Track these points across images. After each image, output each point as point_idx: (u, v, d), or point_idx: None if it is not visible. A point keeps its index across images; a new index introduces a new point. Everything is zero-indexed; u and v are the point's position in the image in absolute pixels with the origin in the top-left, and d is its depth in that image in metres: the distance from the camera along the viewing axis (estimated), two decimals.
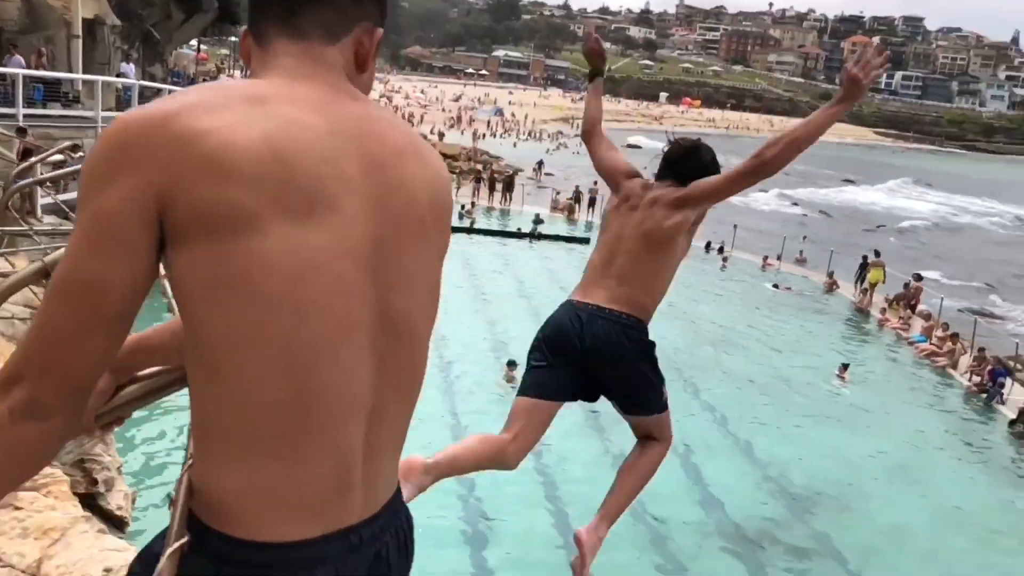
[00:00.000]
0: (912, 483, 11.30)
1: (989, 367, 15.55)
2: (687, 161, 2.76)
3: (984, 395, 15.12)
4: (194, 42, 40.59)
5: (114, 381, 1.19)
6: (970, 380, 15.85)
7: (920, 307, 20.93)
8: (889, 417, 13.77)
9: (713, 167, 2.74)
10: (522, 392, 2.73)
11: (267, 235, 0.93)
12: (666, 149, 2.84)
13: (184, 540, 0.98)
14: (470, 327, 16.33)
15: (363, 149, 1.03)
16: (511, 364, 13.40)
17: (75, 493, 3.67)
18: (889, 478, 11.33)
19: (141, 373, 1.23)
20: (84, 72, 17.38)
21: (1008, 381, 15.35)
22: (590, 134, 3.07)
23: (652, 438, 2.84)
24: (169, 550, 0.97)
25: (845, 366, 15.43)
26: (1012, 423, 13.79)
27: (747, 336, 17.65)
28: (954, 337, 17.61)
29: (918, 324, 19.31)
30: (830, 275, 23.70)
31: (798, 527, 9.72)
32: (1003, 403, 14.80)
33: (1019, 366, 18.22)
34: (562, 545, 8.04)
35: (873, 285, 21.97)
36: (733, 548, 9.08)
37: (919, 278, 22.28)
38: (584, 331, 2.62)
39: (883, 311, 20.54)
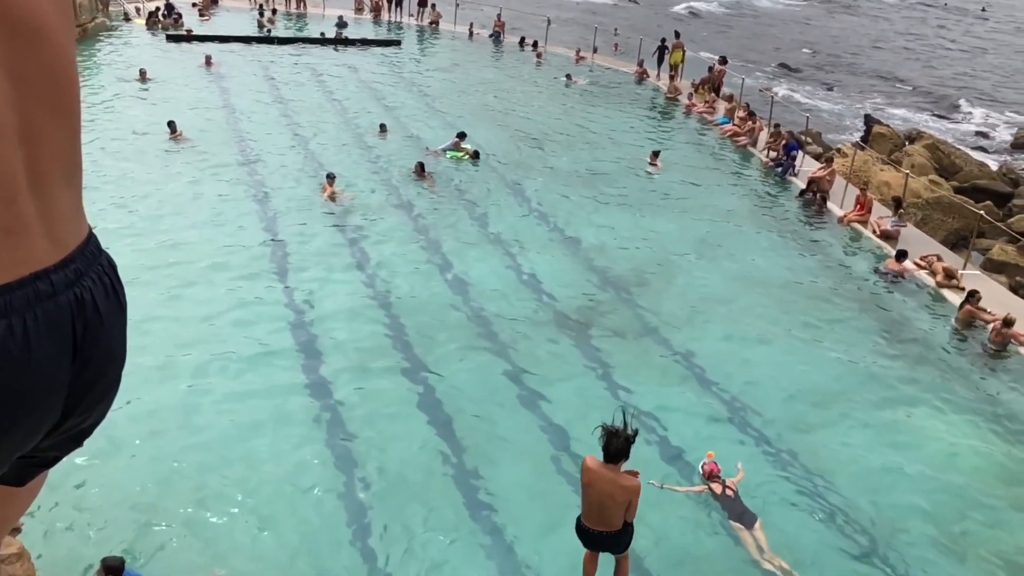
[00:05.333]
0: (719, 255, 12.24)
1: (784, 142, 16.66)
2: (622, 455, 5.20)
3: (779, 168, 16.31)
4: None
5: None
6: (767, 156, 17.00)
7: (723, 90, 21.84)
8: (697, 197, 14.64)
9: (630, 447, 5.26)
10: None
11: None
12: (608, 439, 5.17)
13: None
14: (281, 144, 15.43)
15: None
16: (330, 178, 12.89)
17: None
18: (700, 253, 12.20)
19: None
20: None
21: (800, 154, 16.57)
22: None
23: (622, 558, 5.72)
24: None
25: (656, 153, 16.03)
26: (802, 192, 15.06)
27: (564, 132, 17.85)
28: (753, 116, 18.64)
29: (722, 107, 20.22)
30: (640, 64, 24.06)
31: (622, 308, 10.37)
32: (795, 175, 16.05)
33: (809, 139, 19.73)
34: None
35: (675, 66, 22.61)
36: (564, 333, 9.59)
37: (724, 61, 23.07)
38: (604, 545, 5.57)
39: (690, 96, 21.28)
